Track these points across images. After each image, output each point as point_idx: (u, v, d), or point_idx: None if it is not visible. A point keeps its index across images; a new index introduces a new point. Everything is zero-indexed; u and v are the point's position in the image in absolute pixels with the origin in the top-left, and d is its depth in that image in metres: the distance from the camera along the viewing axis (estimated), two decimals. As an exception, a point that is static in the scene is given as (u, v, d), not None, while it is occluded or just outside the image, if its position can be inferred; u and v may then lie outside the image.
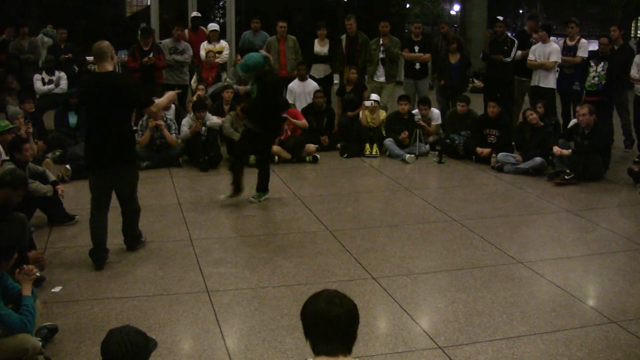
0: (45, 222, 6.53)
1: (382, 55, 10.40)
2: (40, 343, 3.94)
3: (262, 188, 7.43)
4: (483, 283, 5.27)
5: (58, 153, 8.89)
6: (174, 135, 8.93)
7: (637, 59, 9.26)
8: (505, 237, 6.39)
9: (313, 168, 9.16)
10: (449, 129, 9.80)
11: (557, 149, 8.30)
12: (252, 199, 7.38)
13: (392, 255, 5.87)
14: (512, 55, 10.01)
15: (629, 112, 9.87)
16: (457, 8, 27.56)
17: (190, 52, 10.65)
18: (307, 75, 10.46)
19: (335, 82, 11.42)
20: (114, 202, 5.76)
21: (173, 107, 9.45)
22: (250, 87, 7.41)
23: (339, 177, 8.73)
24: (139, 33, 10.63)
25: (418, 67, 10.60)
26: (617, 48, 9.68)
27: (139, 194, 5.95)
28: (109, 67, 5.41)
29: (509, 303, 4.91)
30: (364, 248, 6.03)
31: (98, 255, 5.54)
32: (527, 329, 4.52)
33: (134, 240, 5.87)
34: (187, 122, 9.01)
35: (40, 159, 7.68)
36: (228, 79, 10.75)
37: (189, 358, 4.19)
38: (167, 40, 10.76)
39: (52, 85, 10.29)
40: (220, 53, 10.88)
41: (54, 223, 6.52)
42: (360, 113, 9.93)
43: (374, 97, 9.93)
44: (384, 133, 9.82)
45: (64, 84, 10.38)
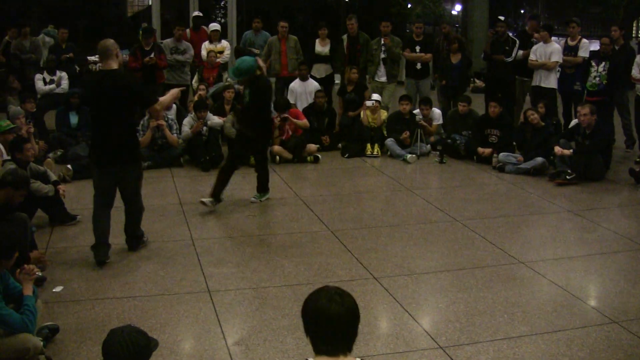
0: (47, 221, 6.53)
1: (383, 55, 10.39)
2: (42, 343, 3.94)
3: (262, 188, 7.43)
4: (484, 283, 5.27)
5: (59, 153, 8.90)
6: (175, 135, 8.94)
7: (638, 59, 9.24)
8: (507, 237, 6.39)
9: (314, 168, 9.16)
10: (450, 129, 9.80)
11: (558, 149, 8.30)
12: (253, 199, 7.38)
13: (393, 255, 5.87)
14: (513, 55, 10.01)
15: (630, 112, 9.87)
16: (458, 8, 27.53)
17: (192, 52, 10.66)
18: (308, 75, 10.46)
19: (337, 82, 11.42)
20: (117, 202, 5.77)
21: (174, 107, 9.45)
22: (242, 91, 7.27)
23: (340, 177, 8.73)
24: (141, 33, 10.64)
25: (419, 67, 10.59)
26: (617, 48, 9.68)
27: (140, 194, 5.96)
28: (114, 65, 5.43)
29: (510, 303, 4.91)
30: (365, 248, 6.03)
31: (99, 250, 5.55)
32: (528, 329, 4.52)
33: (136, 240, 5.88)
34: (188, 122, 9.02)
35: (42, 159, 7.69)
36: (229, 79, 10.75)
37: (190, 358, 4.20)
38: (168, 40, 10.76)
39: (53, 85, 10.29)
40: (222, 53, 10.88)
41: (55, 223, 6.52)
42: (362, 113, 9.93)
43: (375, 97, 9.92)
44: (385, 133, 9.82)
45: (65, 84, 10.38)
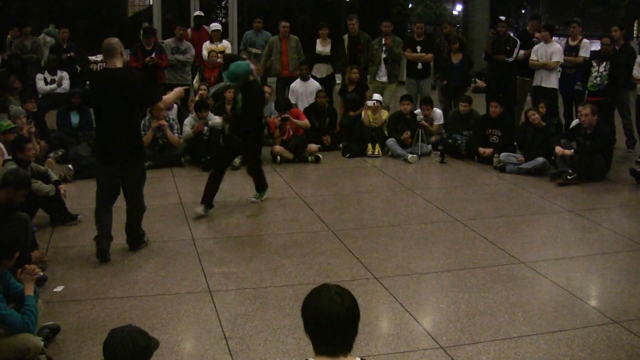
0: (47, 221, 6.53)
1: (384, 55, 10.38)
2: (42, 343, 3.94)
3: (260, 188, 7.38)
4: (485, 283, 5.27)
5: (60, 153, 8.90)
6: (177, 135, 8.94)
7: (639, 59, 9.24)
8: (507, 237, 6.38)
9: (315, 168, 9.16)
10: (451, 129, 9.80)
11: (559, 149, 8.29)
12: (253, 200, 7.36)
13: (394, 255, 5.87)
14: (514, 55, 10.00)
15: (631, 112, 9.86)
16: (459, 8, 27.53)
17: (193, 51, 10.67)
18: (309, 75, 10.47)
19: (338, 82, 11.42)
20: (118, 202, 5.79)
21: (175, 106, 9.46)
22: (233, 97, 6.98)
23: (341, 177, 8.73)
24: (142, 33, 10.63)
25: (420, 67, 10.59)
26: (618, 48, 9.67)
27: (141, 194, 5.96)
28: (119, 63, 5.46)
29: (511, 303, 4.91)
30: (366, 248, 6.03)
31: (101, 241, 5.58)
32: (529, 329, 4.52)
33: (137, 240, 5.88)
34: (189, 122, 9.02)
35: (43, 159, 7.70)
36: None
37: (191, 358, 4.20)
38: (169, 40, 10.76)
39: (54, 85, 10.29)
40: (223, 53, 10.88)
41: (56, 223, 6.52)
42: (363, 113, 9.92)
43: (376, 97, 9.92)
44: (386, 133, 9.81)
45: (66, 84, 10.39)
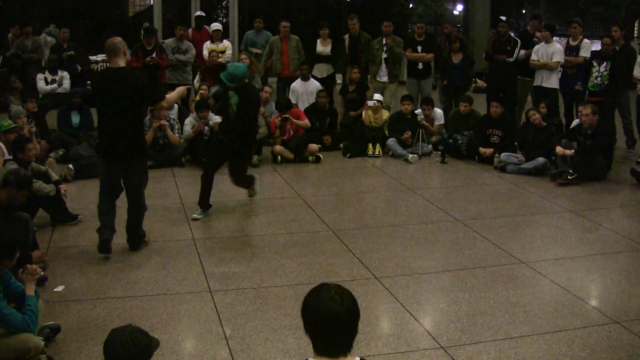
0: (48, 221, 6.53)
1: (385, 55, 10.38)
2: (43, 342, 3.94)
3: (248, 184, 7.14)
4: (485, 283, 5.27)
5: (61, 152, 8.90)
6: (177, 135, 8.94)
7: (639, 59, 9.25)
8: (508, 237, 6.38)
9: (316, 168, 9.16)
10: (452, 129, 9.80)
11: (559, 149, 8.29)
12: (250, 196, 7.26)
13: (394, 255, 5.87)
14: (515, 55, 10.00)
15: (631, 112, 9.85)
16: (460, 8, 27.53)
17: (193, 51, 10.66)
18: (309, 75, 10.47)
19: (338, 82, 11.43)
20: (120, 202, 5.81)
21: (176, 106, 9.46)
22: (222, 102, 6.71)
23: (342, 177, 8.73)
24: (142, 33, 10.63)
25: (421, 67, 10.58)
26: (618, 48, 9.66)
27: (142, 194, 5.96)
28: (121, 63, 5.48)
29: (512, 303, 4.91)
30: (367, 248, 6.03)
31: (103, 231, 5.62)
32: (529, 329, 4.51)
33: (137, 240, 5.88)
34: (190, 121, 9.01)
35: (43, 159, 7.70)
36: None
37: (191, 357, 4.20)
38: (170, 40, 10.77)
39: (55, 85, 10.29)
40: (223, 53, 10.88)
41: (57, 222, 6.52)
42: (363, 113, 9.92)
43: (377, 97, 9.92)
44: (387, 133, 9.82)
45: (67, 84, 10.39)
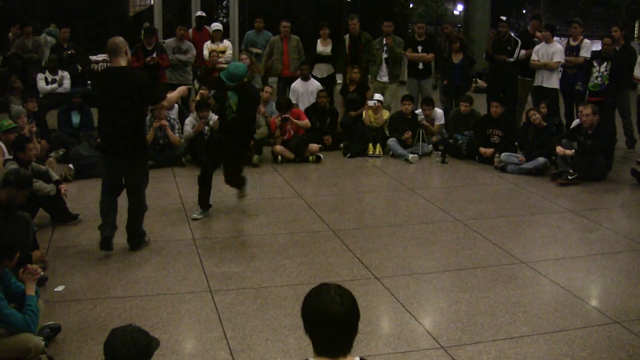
0: (48, 221, 6.53)
1: (385, 55, 10.38)
2: (43, 342, 3.94)
3: (241, 184, 6.99)
4: (486, 283, 5.27)
5: (61, 152, 8.91)
6: (177, 135, 8.95)
7: (640, 59, 9.26)
8: (508, 237, 6.38)
9: (316, 168, 9.16)
10: (452, 129, 9.79)
11: (560, 149, 8.29)
12: (239, 197, 7.08)
13: (395, 255, 5.87)
14: (515, 55, 9.99)
15: (631, 112, 9.85)
16: (460, 8, 27.52)
17: (194, 51, 10.66)
18: (310, 75, 10.47)
19: (339, 81, 11.43)
20: (121, 201, 5.82)
21: (176, 106, 9.46)
22: (229, 100, 6.58)
23: (342, 176, 8.73)
24: (143, 32, 10.63)
25: (421, 67, 10.58)
26: (618, 49, 9.66)
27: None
28: (123, 62, 5.51)
29: (512, 303, 4.91)
30: (367, 248, 6.03)
31: (105, 230, 5.66)
32: (529, 329, 4.51)
33: (138, 239, 5.89)
34: (190, 121, 9.01)
35: (44, 158, 7.70)
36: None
37: (192, 357, 4.20)
38: (170, 40, 10.77)
39: (55, 85, 10.30)
40: (224, 52, 10.88)
41: (57, 222, 6.52)
42: (364, 113, 9.92)
43: (377, 97, 9.92)
44: (387, 133, 9.82)
45: (67, 84, 10.39)
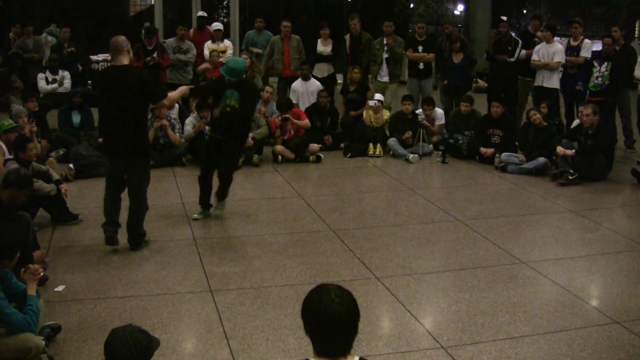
0: (49, 221, 6.53)
1: (386, 55, 10.38)
2: (44, 342, 3.94)
3: (222, 195, 6.79)
4: (486, 283, 5.27)
5: (62, 152, 8.91)
6: (178, 135, 8.95)
7: (641, 59, 9.25)
8: (509, 237, 6.38)
9: (316, 168, 9.16)
10: (453, 129, 9.79)
11: (560, 149, 8.28)
12: (215, 210, 6.82)
13: (395, 255, 5.87)
14: (516, 55, 9.99)
15: (631, 112, 9.84)
16: (461, 8, 27.55)
17: (194, 51, 10.66)
18: (310, 75, 10.47)
19: (339, 81, 11.43)
20: (123, 201, 5.83)
21: (177, 106, 9.46)
22: (230, 94, 6.40)
23: (343, 176, 8.73)
24: (143, 32, 10.64)
25: (422, 67, 10.58)
26: (618, 49, 9.66)
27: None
28: (125, 61, 5.53)
29: (512, 303, 4.91)
30: (367, 248, 6.03)
31: (108, 227, 5.72)
32: (530, 329, 4.51)
33: (138, 239, 5.89)
34: (190, 121, 9.01)
35: (44, 158, 7.70)
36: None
37: (192, 357, 4.20)
38: (170, 40, 10.77)
39: (55, 85, 10.30)
40: (224, 52, 10.89)
41: (57, 222, 6.52)
42: (364, 113, 9.92)
43: (378, 96, 9.92)
44: (388, 133, 9.82)
45: (68, 84, 10.40)
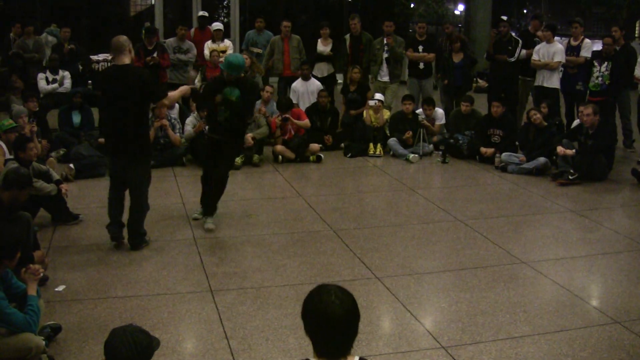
0: (49, 221, 6.53)
1: (386, 55, 10.38)
2: (44, 342, 3.94)
3: (213, 209, 6.62)
4: (486, 283, 5.27)
5: (62, 152, 8.91)
6: (178, 135, 8.95)
7: (641, 59, 9.25)
8: (509, 237, 6.38)
9: (317, 167, 9.16)
10: (453, 129, 9.79)
11: (560, 149, 8.28)
12: (196, 216, 6.73)
13: (395, 255, 5.87)
14: (516, 55, 9.99)
15: (631, 112, 9.83)
16: (461, 8, 27.55)
17: (194, 51, 10.67)
18: (310, 75, 10.47)
19: (339, 81, 11.43)
20: (126, 201, 5.85)
21: (177, 106, 9.46)
22: (229, 92, 6.24)
23: (343, 176, 8.73)
24: (143, 32, 10.64)
25: (422, 66, 10.58)
26: (618, 49, 9.66)
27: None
28: (126, 60, 5.56)
29: (513, 303, 4.91)
30: (368, 248, 6.03)
31: (112, 228, 5.83)
32: (530, 329, 4.51)
33: (138, 238, 5.89)
34: (191, 121, 9.01)
35: (44, 158, 7.71)
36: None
37: (192, 357, 4.20)
38: (171, 40, 10.78)
39: (56, 85, 10.31)
40: (224, 52, 10.88)
41: (58, 222, 6.52)
42: (364, 113, 9.92)
43: (378, 96, 9.92)
44: (388, 133, 9.82)
45: (68, 83, 10.40)
